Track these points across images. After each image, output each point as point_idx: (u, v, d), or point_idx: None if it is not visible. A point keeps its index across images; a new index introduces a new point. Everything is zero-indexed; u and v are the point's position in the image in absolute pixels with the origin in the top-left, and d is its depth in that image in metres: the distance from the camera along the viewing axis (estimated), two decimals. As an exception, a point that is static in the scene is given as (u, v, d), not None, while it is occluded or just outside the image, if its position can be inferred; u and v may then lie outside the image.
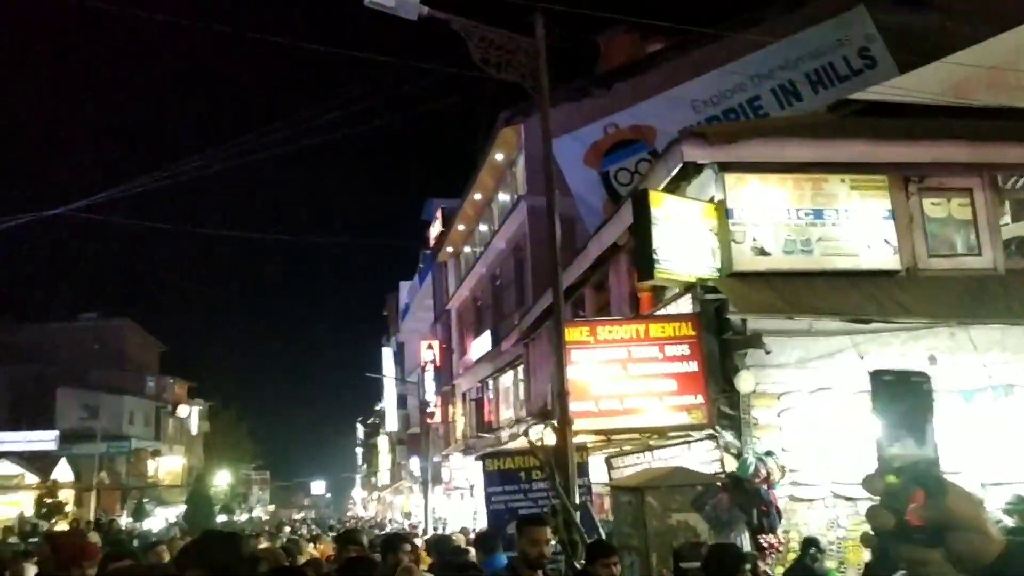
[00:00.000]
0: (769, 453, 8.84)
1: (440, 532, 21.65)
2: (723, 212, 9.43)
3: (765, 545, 8.50)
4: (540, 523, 4.98)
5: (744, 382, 9.03)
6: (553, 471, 8.20)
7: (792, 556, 8.63)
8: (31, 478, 37.28)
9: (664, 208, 9.11)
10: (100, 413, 48.32)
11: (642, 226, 8.99)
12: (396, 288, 49.36)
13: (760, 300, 8.98)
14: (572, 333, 9.04)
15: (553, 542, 5.46)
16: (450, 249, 33.46)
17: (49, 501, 27.48)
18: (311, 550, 11.98)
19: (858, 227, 9.63)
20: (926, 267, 9.80)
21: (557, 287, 8.56)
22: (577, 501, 8.21)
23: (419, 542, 11.98)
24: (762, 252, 9.42)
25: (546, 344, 11.38)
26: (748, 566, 4.56)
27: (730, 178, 9.52)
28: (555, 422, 8.50)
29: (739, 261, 9.34)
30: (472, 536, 10.75)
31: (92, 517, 33.79)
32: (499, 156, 24.39)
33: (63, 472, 40.16)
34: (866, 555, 8.53)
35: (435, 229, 35.38)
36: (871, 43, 18.40)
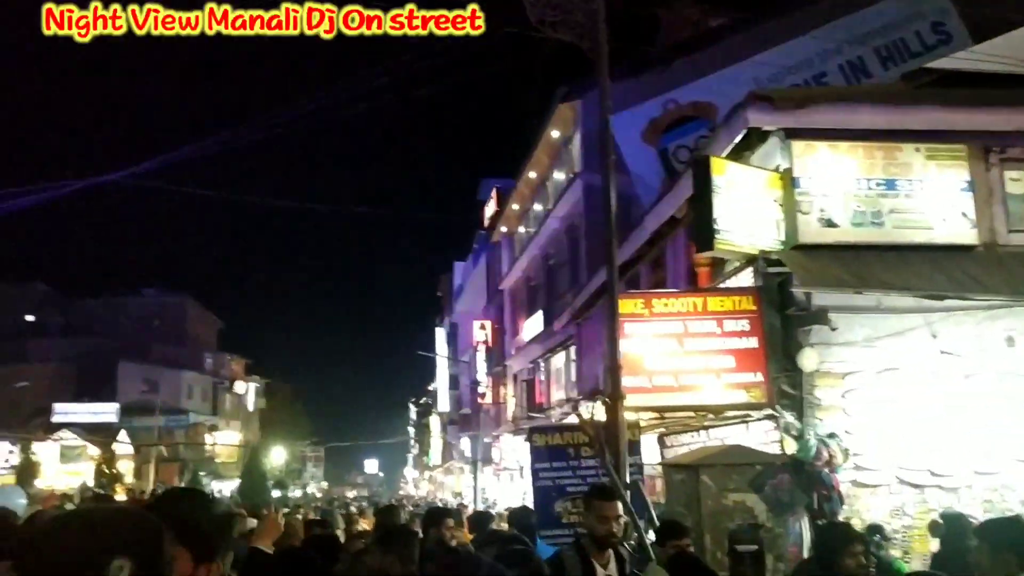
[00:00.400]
0: (832, 435, 8.39)
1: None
2: (789, 181, 8.95)
3: (826, 531, 8.08)
4: (611, 497, 4.54)
5: (807, 360, 8.57)
6: (603, 448, 7.89)
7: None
8: (93, 449, 38.29)
9: (727, 175, 8.67)
10: (160, 387, 49.50)
11: (703, 194, 8.57)
12: (451, 269, 49.36)
13: (826, 274, 8.50)
14: (626, 305, 8.68)
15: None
16: (504, 229, 33.24)
17: (108, 471, 28.08)
18: (363, 524, 12.20)
19: (933, 199, 9.06)
20: (1006, 243, 9.17)
21: (611, 255, 8.21)
22: (628, 480, 7.91)
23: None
24: (830, 224, 8.92)
25: (599, 324, 11.05)
26: (860, 548, 4.14)
27: (797, 145, 9.02)
28: (606, 397, 8.17)
29: (805, 233, 8.86)
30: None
31: (150, 488, 34.52)
32: (555, 133, 24.03)
33: (123, 444, 41.20)
34: (933, 544, 8.08)
35: (489, 209, 35.19)
36: (946, 17, 17.53)
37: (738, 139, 9.32)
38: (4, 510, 4.77)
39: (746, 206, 8.75)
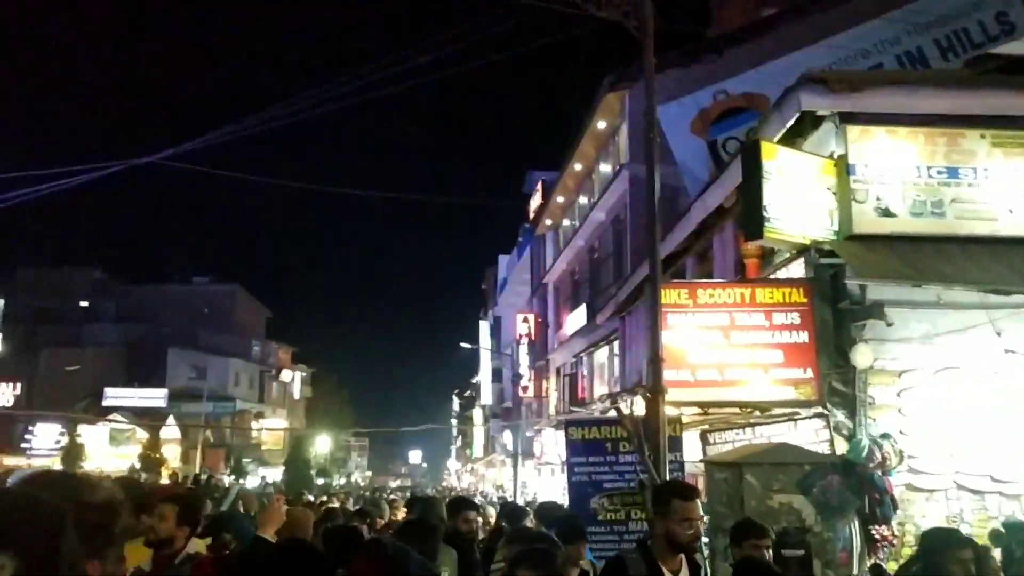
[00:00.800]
0: (886, 436, 7.96)
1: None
2: (844, 168, 8.50)
3: (877, 537, 7.67)
4: (692, 496, 3.93)
5: (861, 356, 8.13)
6: (642, 443, 7.59)
7: (908, 552, 7.76)
8: (142, 433, 38.96)
9: (777, 161, 8.26)
10: (208, 374, 50.18)
11: (752, 180, 8.18)
12: (495, 262, 49.27)
13: (882, 266, 8.05)
14: (669, 295, 8.33)
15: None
16: (549, 222, 32.96)
17: (153, 455, 28.50)
18: (402, 515, 12.17)
19: (998, 188, 8.53)
20: (1078, 237, 8.63)
21: (654, 240, 7.87)
22: (668, 477, 7.59)
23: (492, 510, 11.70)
24: (887, 213, 8.45)
25: (642, 317, 10.69)
26: (969, 554, 3.78)
27: (853, 131, 8.56)
28: (647, 391, 7.85)
29: (860, 223, 8.41)
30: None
31: (197, 473, 35.00)
32: (601, 124, 23.67)
33: (171, 429, 41.86)
34: (994, 555, 7.62)
35: (534, 201, 34.96)
36: (1010, 7, 16.78)
37: (790, 124, 8.88)
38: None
39: (798, 194, 8.34)
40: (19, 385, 42.86)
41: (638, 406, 8.32)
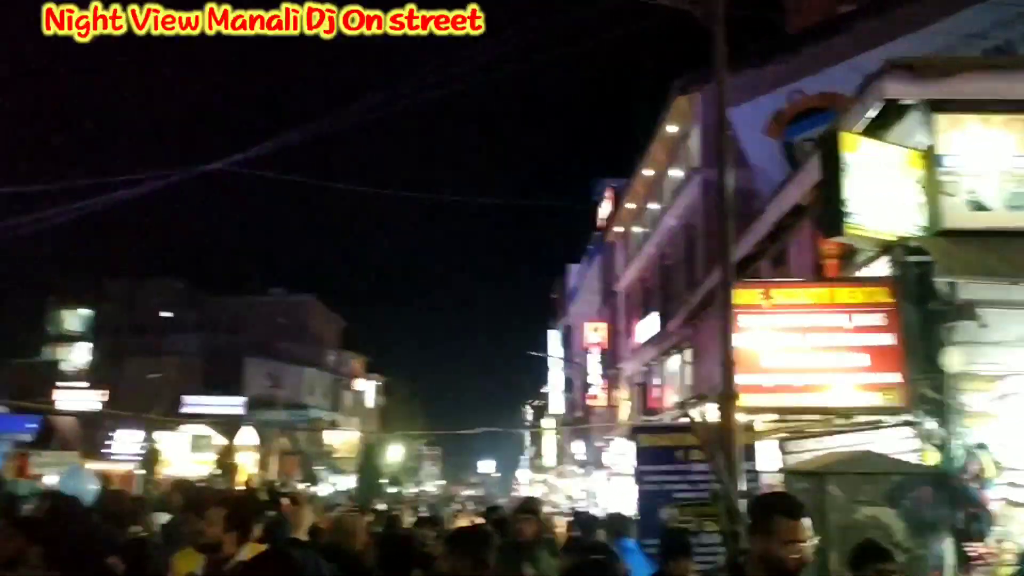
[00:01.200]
0: (981, 446, 7.39)
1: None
2: (932, 160, 7.97)
3: (972, 555, 7.11)
4: (798, 514, 3.35)
5: (952, 361, 7.57)
6: (714, 451, 7.20)
7: (1006, 572, 7.18)
8: (218, 439, 39.79)
9: (859, 153, 7.79)
10: (283, 383, 51.06)
11: (831, 174, 7.73)
12: (563, 271, 49.04)
13: (975, 263, 7.50)
14: (741, 296, 7.91)
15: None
16: (618, 229, 32.62)
17: (227, 462, 29.04)
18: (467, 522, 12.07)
19: (1104, 180, 7.89)
20: None
21: (727, 245, 7.48)
22: (744, 488, 7.18)
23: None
24: (980, 207, 7.89)
25: (715, 324, 10.30)
26: None
27: (942, 119, 8.03)
28: (719, 397, 7.46)
29: (950, 217, 7.87)
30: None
31: (271, 479, 35.55)
32: (671, 128, 23.23)
33: (248, 436, 42.68)
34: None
35: (603, 209, 34.70)
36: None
37: (873, 114, 8.39)
38: (66, 498, 4.55)
39: (881, 187, 7.84)
40: (107, 392, 44.28)
41: (710, 413, 7.93)
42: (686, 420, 8.18)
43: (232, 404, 46.21)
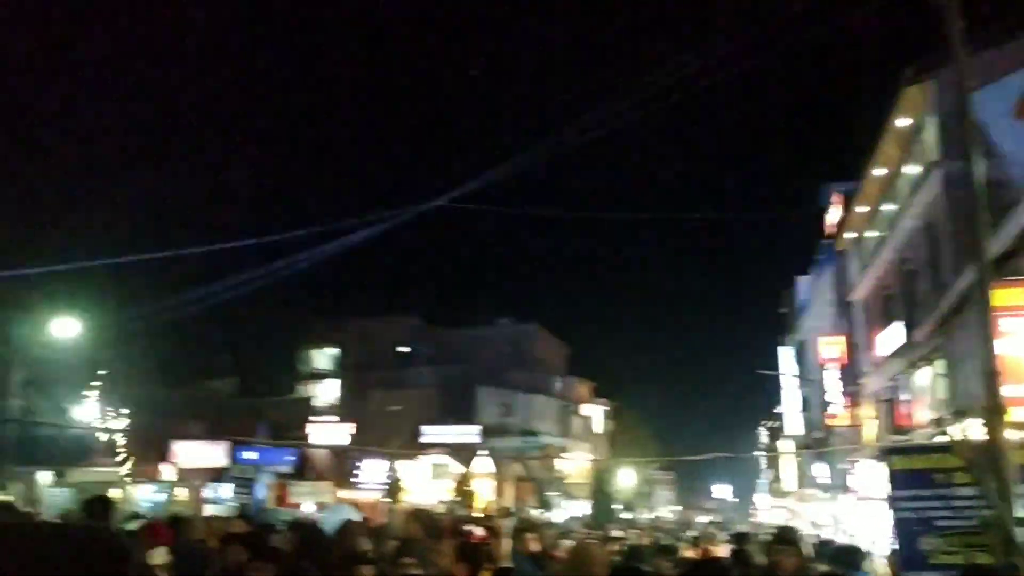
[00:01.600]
0: None
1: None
2: None
3: None
4: None
5: None
6: (982, 474, 6.41)
7: None
8: (457, 467, 41.37)
9: None
10: (514, 410, 52.39)
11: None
12: (792, 284, 46.71)
13: None
14: (1001, 296, 7.05)
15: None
16: (850, 236, 30.64)
17: (464, 489, 30.08)
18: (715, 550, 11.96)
19: None
20: None
21: (980, 242, 6.71)
22: (1021, 514, 6.33)
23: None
24: None
25: (972, 330, 9.23)
26: None
27: None
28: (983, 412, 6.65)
29: None
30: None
31: (508, 506, 36.41)
32: (902, 122, 21.56)
33: (484, 464, 44.07)
34: None
35: (832, 215, 32.77)
36: None
37: None
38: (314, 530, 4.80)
39: None
40: (354, 425, 47.56)
41: (973, 430, 7.10)
42: (944, 439, 7.36)
43: (467, 433, 47.99)
